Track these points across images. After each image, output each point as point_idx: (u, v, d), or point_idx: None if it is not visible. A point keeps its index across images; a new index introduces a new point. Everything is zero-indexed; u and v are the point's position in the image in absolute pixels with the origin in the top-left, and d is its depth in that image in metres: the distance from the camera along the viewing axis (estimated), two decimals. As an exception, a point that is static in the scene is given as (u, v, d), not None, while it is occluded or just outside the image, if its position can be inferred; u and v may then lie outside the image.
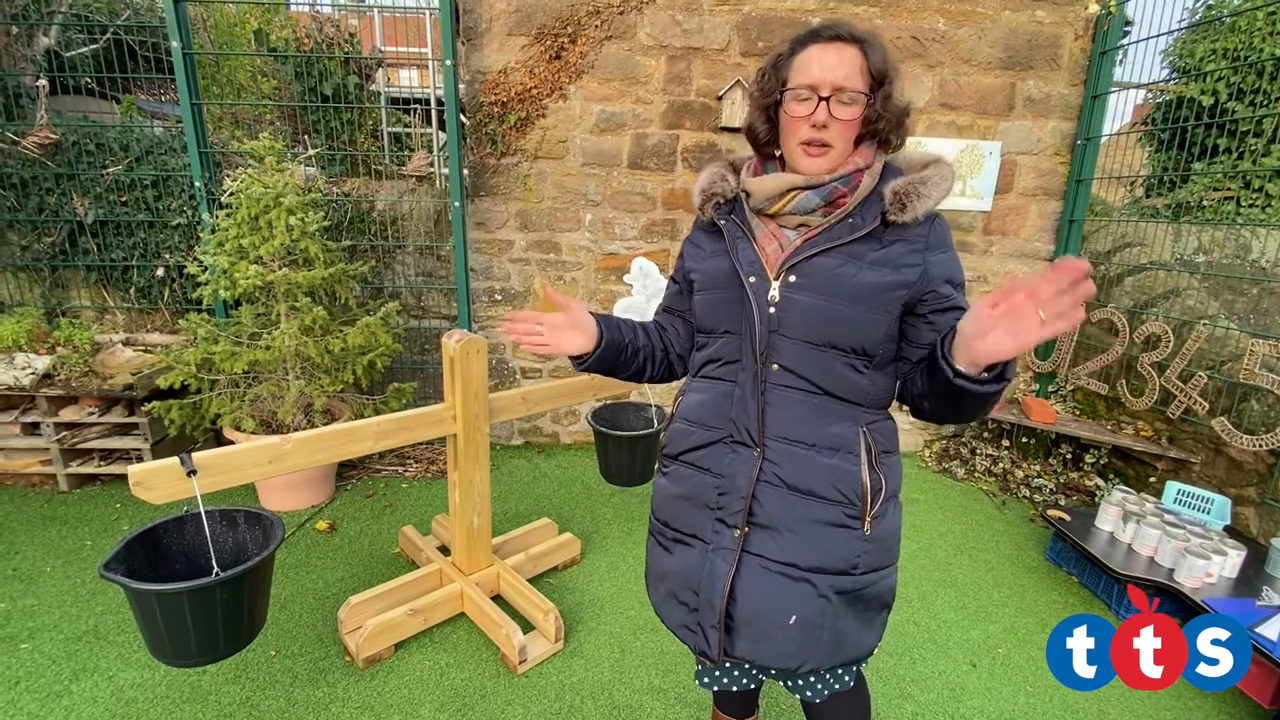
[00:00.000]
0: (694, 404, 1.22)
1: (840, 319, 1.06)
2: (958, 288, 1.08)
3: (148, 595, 1.39)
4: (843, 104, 1.04)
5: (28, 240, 3.35)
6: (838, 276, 1.06)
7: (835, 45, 1.04)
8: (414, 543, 2.56)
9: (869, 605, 1.17)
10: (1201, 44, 4.20)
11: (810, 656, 1.13)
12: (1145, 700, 2.04)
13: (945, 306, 1.07)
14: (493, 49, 3.35)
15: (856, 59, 1.04)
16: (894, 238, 1.06)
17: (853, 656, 1.17)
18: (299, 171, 3.01)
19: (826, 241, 1.07)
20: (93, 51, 3.75)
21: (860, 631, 1.17)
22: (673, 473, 1.25)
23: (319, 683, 1.96)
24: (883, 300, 1.05)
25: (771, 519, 1.12)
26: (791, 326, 1.08)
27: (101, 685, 1.91)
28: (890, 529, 1.16)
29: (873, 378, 1.11)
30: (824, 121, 1.05)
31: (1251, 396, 2.73)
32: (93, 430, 3.04)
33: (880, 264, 1.05)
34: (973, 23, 3.38)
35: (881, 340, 1.08)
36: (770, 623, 1.12)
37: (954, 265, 1.09)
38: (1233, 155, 4.16)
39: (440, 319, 3.69)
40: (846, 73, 1.03)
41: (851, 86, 1.03)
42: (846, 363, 1.09)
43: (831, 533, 1.11)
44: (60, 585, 2.35)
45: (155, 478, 1.50)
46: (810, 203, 1.09)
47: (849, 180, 1.08)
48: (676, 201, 3.58)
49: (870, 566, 1.14)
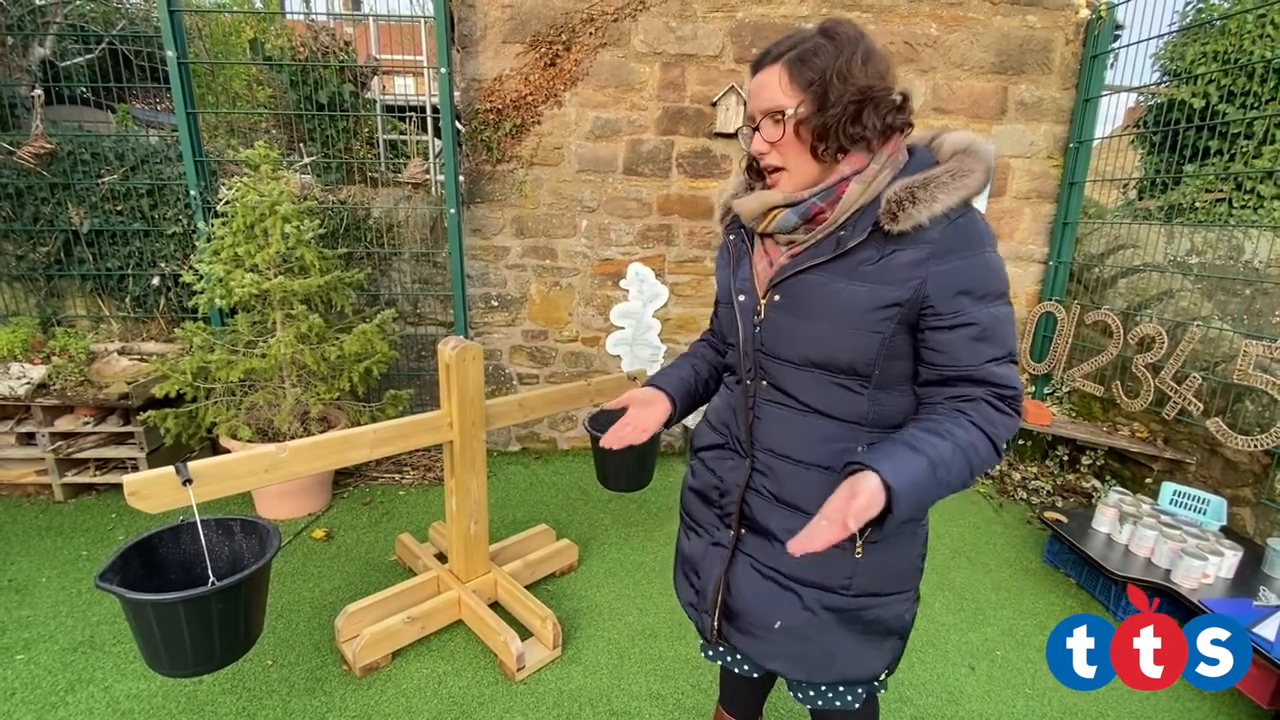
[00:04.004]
0: (714, 406, 1.31)
1: (822, 340, 1.01)
2: (981, 299, 0.96)
3: (143, 605, 1.38)
4: (769, 127, 1.01)
5: (23, 250, 3.34)
6: (821, 296, 1.01)
7: (761, 73, 1.01)
8: (411, 550, 2.55)
9: (870, 628, 1.13)
10: (1192, 47, 4.23)
11: (796, 666, 1.14)
12: (1144, 701, 2.04)
13: (950, 324, 0.96)
14: (488, 56, 3.36)
15: (777, 77, 0.99)
16: (897, 247, 0.96)
17: (846, 677, 1.14)
18: (295, 179, 3.01)
19: (809, 259, 1.02)
20: (88, 61, 3.76)
21: (859, 653, 1.13)
22: (693, 466, 1.32)
23: (316, 692, 1.95)
24: (869, 320, 0.98)
25: (762, 525, 1.14)
26: (774, 346, 1.07)
27: (97, 696, 1.90)
28: (895, 556, 1.11)
29: (877, 397, 1.04)
30: (759, 149, 1.04)
31: (1246, 397, 2.74)
32: (88, 440, 3.03)
33: (872, 279, 0.97)
34: (964, 28, 3.41)
35: (877, 360, 1.00)
36: (757, 622, 1.16)
37: (970, 274, 0.95)
38: (1224, 157, 4.19)
39: (437, 326, 3.69)
40: (770, 94, 0.99)
41: (773, 106, 0.99)
42: (836, 382, 1.04)
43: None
44: (56, 596, 2.34)
45: (151, 487, 1.49)
46: (789, 221, 1.04)
47: (829, 193, 1.00)
48: (672, 207, 3.59)
49: (865, 590, 1.10)
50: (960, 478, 0.93)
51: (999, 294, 0.98)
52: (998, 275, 0.98)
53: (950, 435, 0.93)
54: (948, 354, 0.98)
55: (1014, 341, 1.00)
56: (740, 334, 1.11)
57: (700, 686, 2.03)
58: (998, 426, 0.96)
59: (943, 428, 0.94)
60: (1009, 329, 0.99)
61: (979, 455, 0.94)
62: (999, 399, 0.97)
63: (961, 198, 0.94)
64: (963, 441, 0.93)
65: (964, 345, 0.97)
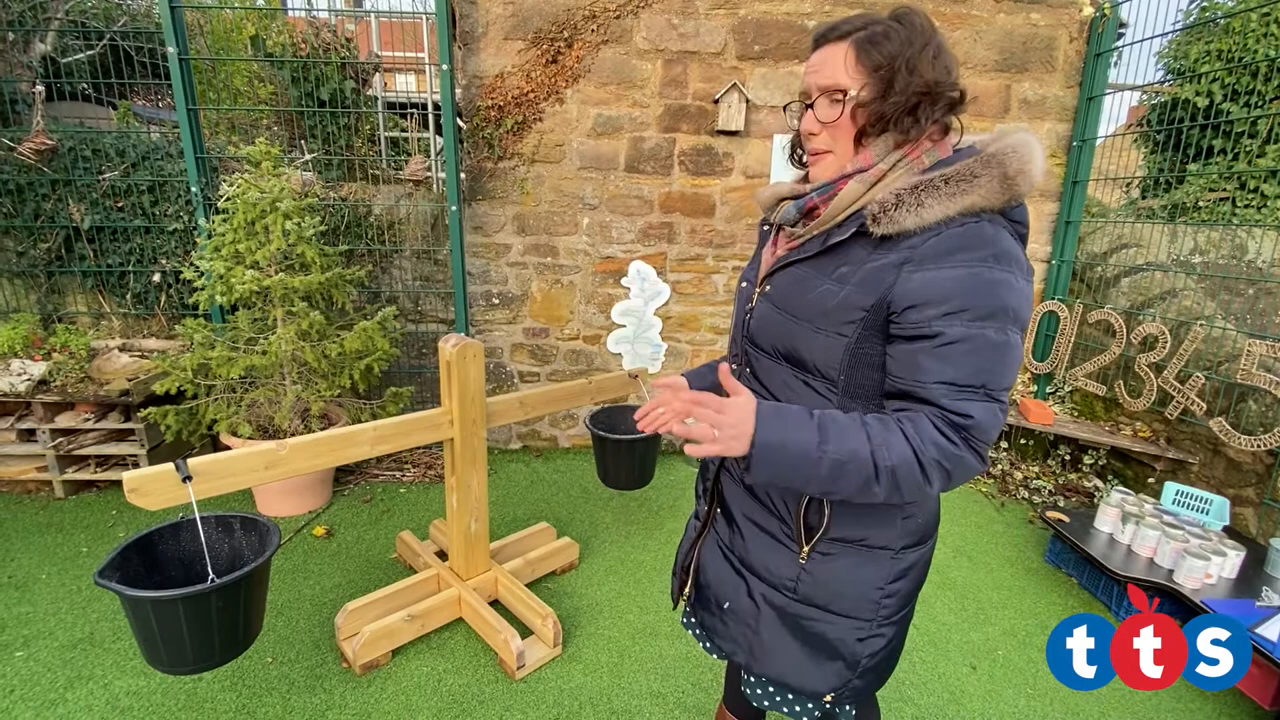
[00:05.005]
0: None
1: (793, 335, 1.01)
2: (955, 313, 0.86)
3: (143, 602, 1.38)
4: (827, 106, 0.97)
5: (24, 246, 3.34)
6: (798, 291, 1.01)
7: (826, 47, 0.98)
8: (412, 548, 2.55)
9: (810, 641, 1.09)
10: (1196, 46, 4.22)
11: (739, 650, 1.17)
12: (1146, 701, 2.04)
13: (907, 334, 0.90)
14: (489, 53, 3.35)
15: (843, 55, 0.94)
16: (883, 251, 0.93)
17: (785, 680, 1.11)
18: (296, 176, 3.01)
19: (798, 254, 1.02)
20: (89, 57, 3.75)
21: (800, 663, 1.10)
22: None
23: (316, 689, 1.95)
24: (833, 320, 0.95)
25: (730, 506, 1.20)
26: (757, 334, 1.09)
27: (97, 693, 1.90)
28: (847, 577, 1.05)
29: (846, 405, 0.99)
30: (809, 129, 1.00)
31: (1249, 397, 2.73)
32: (89, 436, 3.03)
33: (849, 281, 0.94)
34: (968, 25, 3.39)
35: (843, 365, 0.97)
36: (713, 599, 1.22)
37: (950, 284, 0.87)
38: (1228, 156, 4.18)
39: (438, 323, 3.68)
40: (831, 71, 0.95)
41: (833, 86, 0.95)
42: (804, 381, 1.02)
43: (769, 541, 1.11)
44: (56, 592, 2.34)
45: (151, 484, 1.49)
46: (789, 215, 1.04)
47: (827, 189, 0.99)
48: (674, 205, 3.58)
49: (810, 599, 1.07)
50: (859, 478, 0.87)
51: (987, 314, 0.86)
52: (993, 294, 0.86)
53: (866, 428, 0.88)
54: (898, 365, 0.92)
55: (997, 375, 0.88)
56: (735, 319, 1.17)
57: (701, 685, 2.03)
58: (930, 449, 0.86)
59: (867, 419, 0.90)
60: (987, 357, 0.87)
61: (891, 462, 0.86)
62: (947, 424, 0.87)
63: (962, 207, 0.88)
64: (876, 439, 0.87)
65: (914, 358, 0.90)
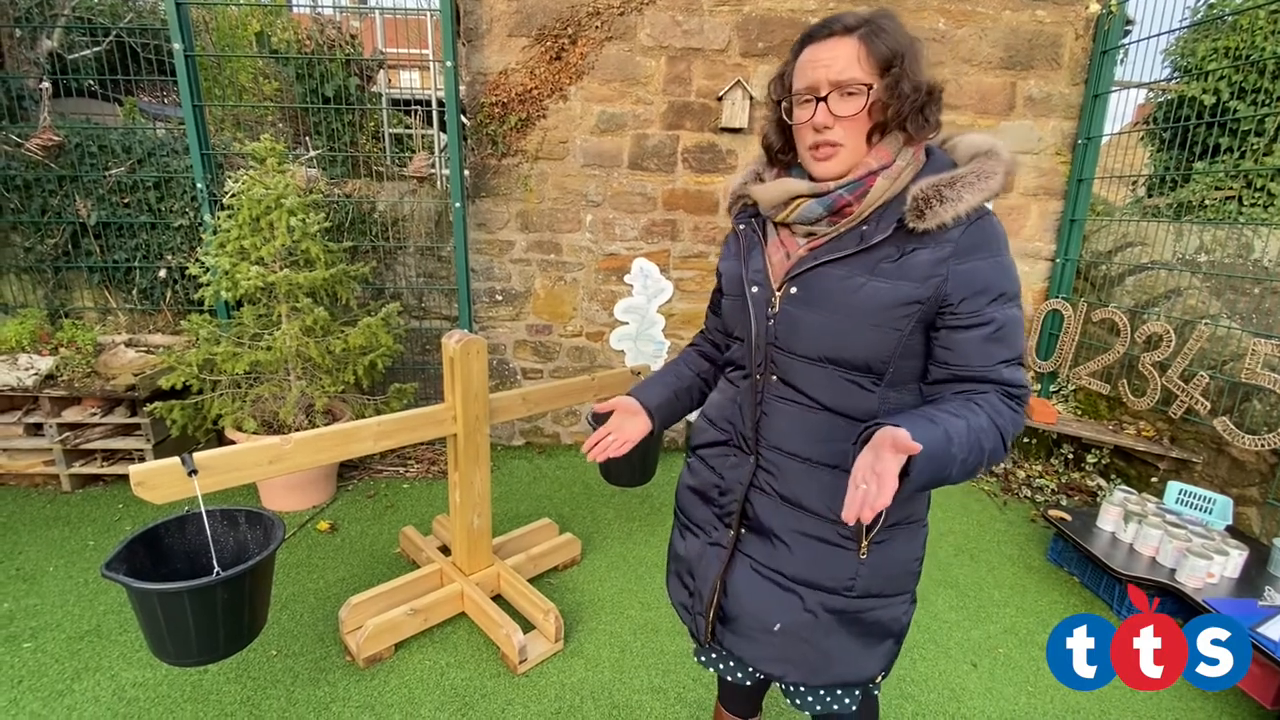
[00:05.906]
0: (713, 402, 1.26)
1: (839, 335, 1.00)
2: (996, 300, 0.97)
3: (149, 595, 1.39)
4: (842, 99, 0.96)
5: (31, 242, 3.36)
6: (841, 290, 0.99)
7: (830, 41, 0.97)
8: (415, 543, 2.56)
9: (869, 630, 1.12)
10: (1203, 43, 4.19)
11: (792, 668, 1.13)
12: (1147, 701, 2.04)
13: (967, 324, 0.97)
14: (493, 50, 3.35)
15: (854, 48, 0.95)
16: (918, 245, 0.96)
17: (844, 679, 1.13)
18: (300, 173, 3.02)
19: (830, 253, 1.00)
20: (95, 54, 3.77)
21: (856, 655, 1.12)
22: (691, 464, 1.29)
23: (320, 682, 1.96)
24: (889, 316, 0.97)
25: (764, 525, 1.13)
26: (788, 340, 1.05)
27: (103, 684, 1.92)
28: (898, 557, 1.10)
29: (886, 395, 1.03)
30: (825, 123, 0.98)
31: (1253, 396, 2.72)
32: (95, 431, 3.05)
33: (893, 276, 0.97)
34: (973, 23, 3.38)
35: (892, 358, 1.00)
36: (755, 625, 1.14)
37: (989, 274, 0.96)
38: (1235, 154, 4.16)
39: (441, 320, 3.69)
40: (843, 66, 0.95)
41: (850, 79, 0.95)
42: (849, 379, 1.02)
43: (823, 549, 1.08)
44: (63, 585, 2.36)
45: (157, 478, 1.50)
46: (813, 212, 1.01)
47: (857, 186, 0.99)
48: (677, 202, 3.58)
49: (867, 591, 1.09)
50: (975, 458, 0.91)
51: (1013, 296, 0.99)
52: (1011, 277, 0.99)
53: (963, 416, 0.92)
54: (961, 353, 0.98)
55: (1023, 344, 1.01)
56: (752, 327, 1.08)
57: (701, 681, 2.04)
58: (1005, 420, 0.96)
59: (955, 409, 0.93)
60: (1019, 331, 1.00)
61: (989, 442, 0.93)
62: (1008, 396, 0.98)
63: (984, 198, 0.95)
64: (975, 424, 0.92)
65: (978, 345, 0.97)
